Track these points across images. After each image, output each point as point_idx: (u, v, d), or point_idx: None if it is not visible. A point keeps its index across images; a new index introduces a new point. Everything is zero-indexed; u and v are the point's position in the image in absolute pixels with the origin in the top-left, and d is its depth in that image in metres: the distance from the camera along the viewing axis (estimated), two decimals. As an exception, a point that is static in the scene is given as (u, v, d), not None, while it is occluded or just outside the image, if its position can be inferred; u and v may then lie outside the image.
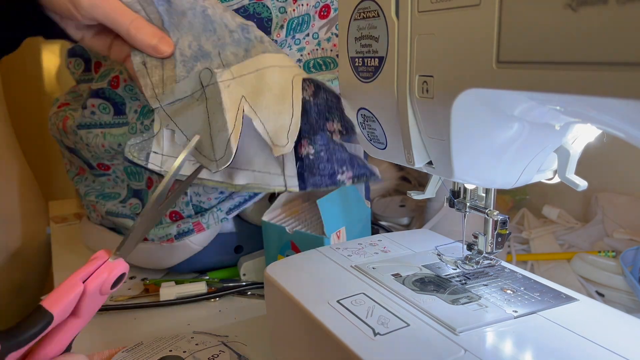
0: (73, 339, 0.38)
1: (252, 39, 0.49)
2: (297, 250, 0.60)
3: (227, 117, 0.45)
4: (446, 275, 0.43)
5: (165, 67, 0.51)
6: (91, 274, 0.38)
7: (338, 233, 0.60)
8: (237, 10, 0.58)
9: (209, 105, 0.47)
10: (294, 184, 0.49)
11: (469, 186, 0.43)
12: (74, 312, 0.37)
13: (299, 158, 0.48)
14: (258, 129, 0.45)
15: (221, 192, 0.62)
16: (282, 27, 0.59)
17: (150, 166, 0.50)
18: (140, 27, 0.49)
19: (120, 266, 0.39)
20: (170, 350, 0.49)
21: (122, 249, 0.40)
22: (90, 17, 0.49)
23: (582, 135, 0.36)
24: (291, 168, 0.49)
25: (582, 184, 0.36)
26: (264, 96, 0.45)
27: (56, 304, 0.35)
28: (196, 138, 0.48)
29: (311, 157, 0.46)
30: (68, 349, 0.37)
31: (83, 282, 0.37)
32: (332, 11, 0.62)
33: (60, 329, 0.37)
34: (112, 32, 0.53)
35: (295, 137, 0.44)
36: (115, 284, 0.39)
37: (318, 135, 0.46)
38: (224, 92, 0.46)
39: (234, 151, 0.44)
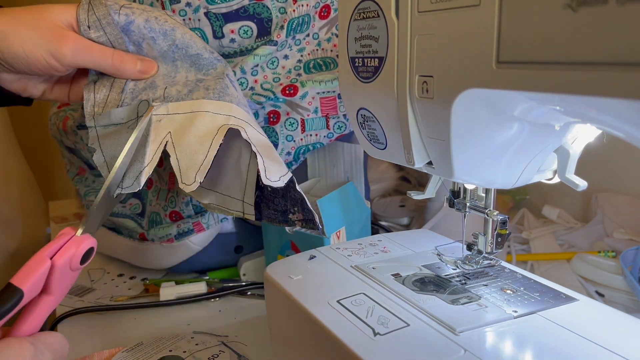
0: (47, 318, 0.38)
1: (200, 86, 0.50)
2: (297, 250, 0.60)
3: (148, 150, 0.46)
4: (446, 275, 0.43)
5: (113, 89, 0.52)
6: (58, 250, 0.38)
7: (338, 233, 0.60)
8: (237, 11, 0.58)
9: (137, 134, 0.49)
10: (250, 212, 0.50)
11: (469, 186, 0.43)
12: (46, 290, 0.37)
13: (259, 187, 0.49)
14: (172, 164, 0.45)
15: (221, 192, 0.62)
16: (282, 27, 0.59)
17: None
18: (122, 59, 0.52)
19: (88, 240, 0.39)
20: (170, 350, 0.49)
21: (88, 224, 0.40)
22: (74, 65, 0.50)
23: (582, 135, 0.36)
24: (250, 196, 0.49)
25: (582, 184, 0.36)
26: (187, 136, 0.46)
27: (25, 280, 0.35)
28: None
29: (270, 189, 0.47)
30: (43, 329, 0.37)
31: (50, 258, 0.37)
32: (332, 11, 0.62)
33: (34, 307, 0.37)
34: (69, 79, 0.55)
35: (203, 177, 0.44)
36: (84, 259, 0.39)
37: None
38: (154, 126, 0.47)
39: (142, 183, 0.44)
